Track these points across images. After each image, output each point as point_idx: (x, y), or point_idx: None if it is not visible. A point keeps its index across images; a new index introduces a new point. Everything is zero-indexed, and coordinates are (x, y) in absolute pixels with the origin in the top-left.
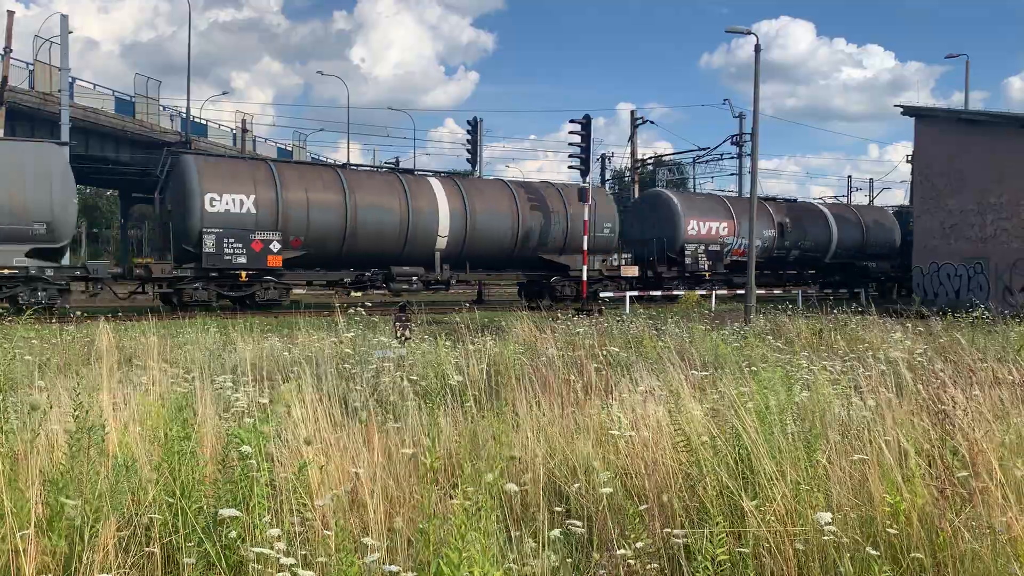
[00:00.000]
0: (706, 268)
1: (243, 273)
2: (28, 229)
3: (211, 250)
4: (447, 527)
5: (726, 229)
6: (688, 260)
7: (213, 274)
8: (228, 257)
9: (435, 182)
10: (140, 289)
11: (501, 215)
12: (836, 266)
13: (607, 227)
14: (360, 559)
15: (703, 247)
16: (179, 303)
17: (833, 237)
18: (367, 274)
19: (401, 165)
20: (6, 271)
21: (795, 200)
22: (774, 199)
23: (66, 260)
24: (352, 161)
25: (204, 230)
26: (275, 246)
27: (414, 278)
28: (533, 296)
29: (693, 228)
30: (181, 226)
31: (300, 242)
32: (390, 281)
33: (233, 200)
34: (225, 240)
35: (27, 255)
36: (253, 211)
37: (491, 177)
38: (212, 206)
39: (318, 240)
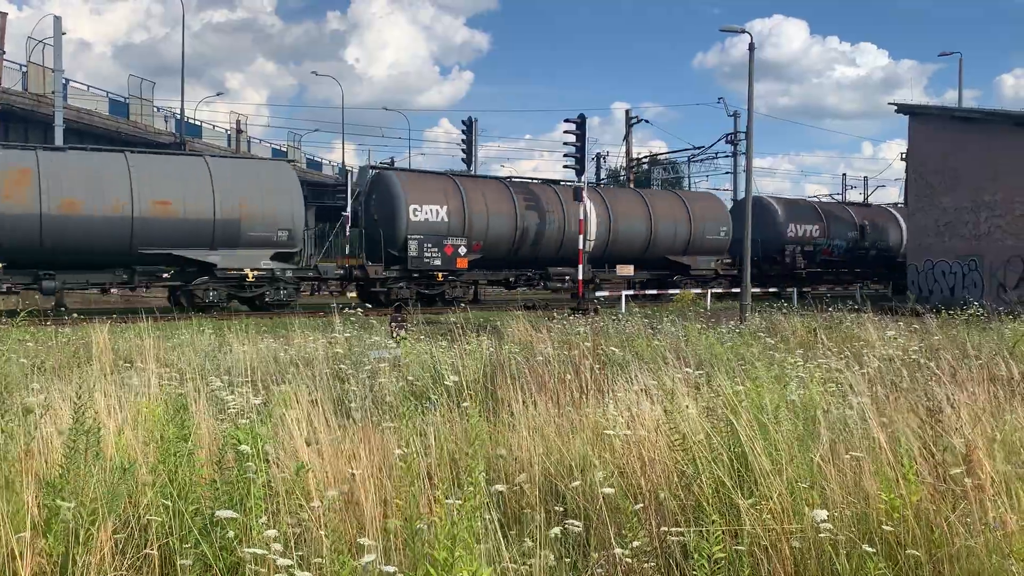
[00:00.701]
0: (802, 266)
1: (439, 274)
2: (273, 235)
3: (414, 254)
4: (438, 528)
5: (817, 231)
6: (788, 259)
7: (415, 275)
8: (427, 260)
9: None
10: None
11: (637, 220)
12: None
13: (723, 230)
14: (355, 560)
15: (800, 248)
16: (387, 300)
17: (903, 236)
18: (528, 273)
19: (397, 165)
20: (255, 272)
21: (869, 204)
22: (854, 203)
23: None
24: (347, 162)
25: (409, 237)
26: (462, 250)
27: (567, 277)
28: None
29: (792, 231)
30: (390, 233)
31: (480, 246)
32: (547, 280)
33: (431, 210)
34: (425, 245)
35: (271, 258)
36: (446, 220)
37: (627, 187)
38: (415, 216)
39: (493, 244)
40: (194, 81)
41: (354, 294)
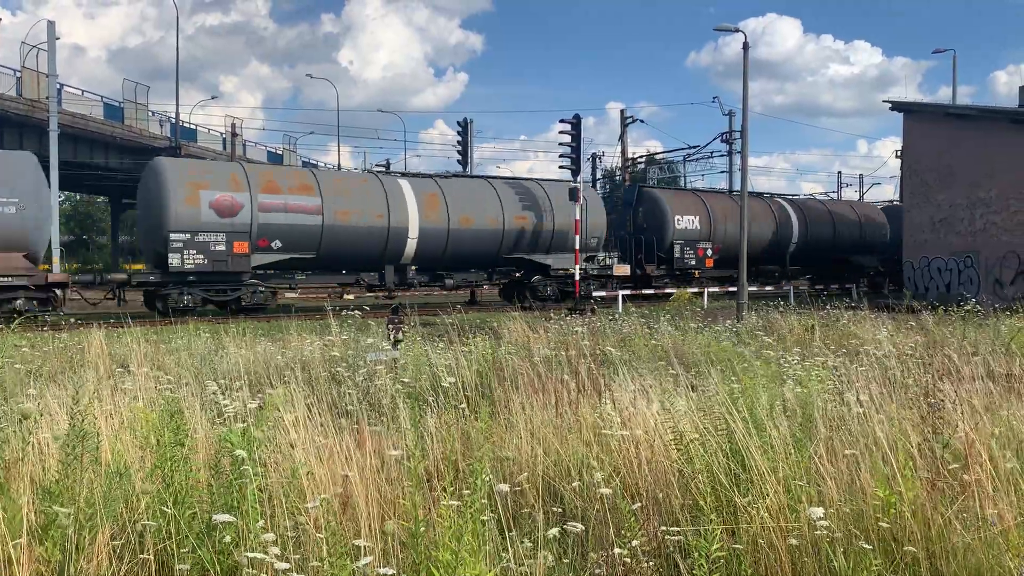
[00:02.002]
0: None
1: (696, 271)
2: (589, 242)
3: (678, 256)
4: (438, 529)
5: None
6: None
7: (677, 272)
8: (686, 261)
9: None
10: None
11: (764, 223)
12: None
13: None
14: (353, 562)
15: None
16: (653, 294)
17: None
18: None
19: (395, 168)
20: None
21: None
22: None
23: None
24: (342, 165)
25: (674, 242)
26: (709, 252)
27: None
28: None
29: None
30: (659, 239)
31: (719, 248)
32: (760, 276)
33: (689, 220)
34: (684, 248)
35: (585, 260)
36: (699, 228)
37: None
38: (679, 224)
39: (728, 247)
40: (188, 85)
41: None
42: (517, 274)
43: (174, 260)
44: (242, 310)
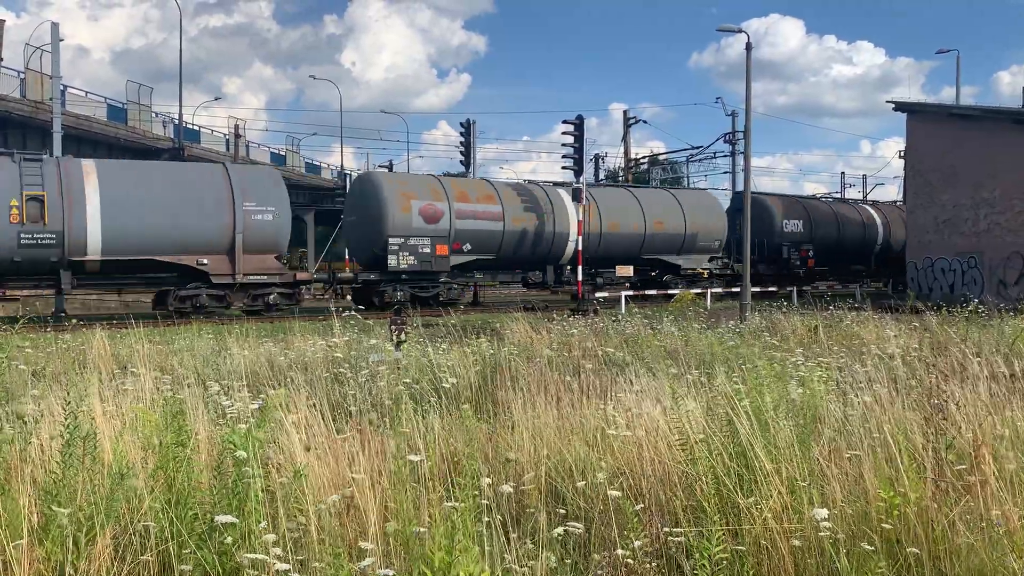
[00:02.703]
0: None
1: (801, 271)
2: (711, 244)
3: (785, 256)
4: (439, 530)
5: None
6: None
7: (784, 272)
8: (793, 261)
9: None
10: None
11: (853, 227)
12: None
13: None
14: (354, 564)
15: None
16: (778, 292)
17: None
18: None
19: (399, 170)
20: (704, 269)
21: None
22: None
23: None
24: (346, 165)
25: (781, 243)
26: (811, 253)
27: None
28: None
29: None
30: (769, 241)
31: (816, 251)
32: (847, 276)
33: (795, 224)
34: (790, 250)
35: (708, 261)
36: (802, 231)
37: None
38: (785, 228)
39: (824, 249)
40: (192, 86)
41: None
42: (652, 273)
43: (392, 261)
44: (440, 304)
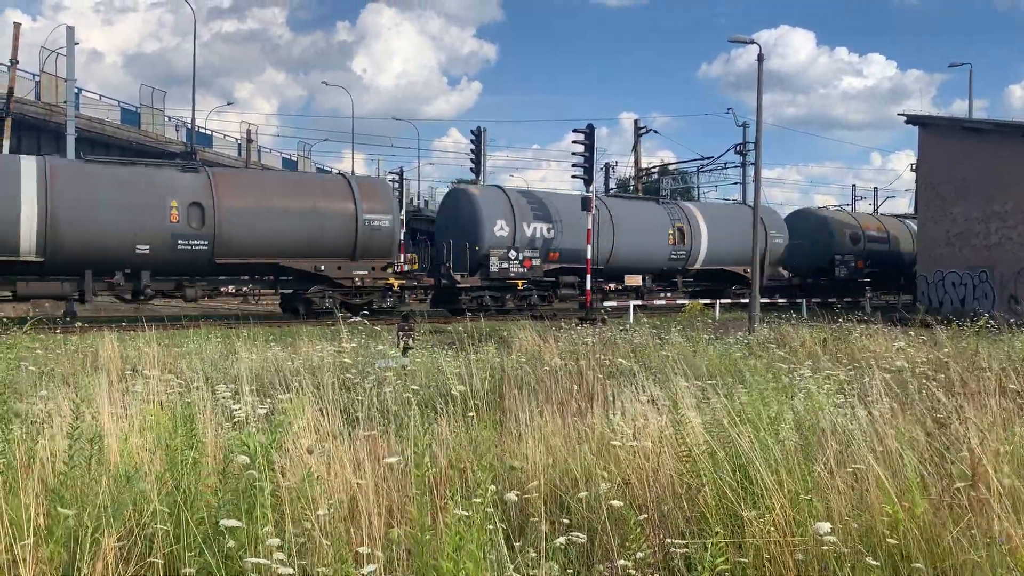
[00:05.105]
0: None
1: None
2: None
3: (839, 265)
4: (442, 538)
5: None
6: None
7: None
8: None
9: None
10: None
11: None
12: None
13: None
14: (358, 569)
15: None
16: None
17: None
18: None
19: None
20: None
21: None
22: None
23: None
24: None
25: (835, 256)
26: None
27: None
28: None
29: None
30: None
31: (868, 262)
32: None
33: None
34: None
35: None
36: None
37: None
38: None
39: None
40: (204, 91)
41: None
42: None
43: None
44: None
